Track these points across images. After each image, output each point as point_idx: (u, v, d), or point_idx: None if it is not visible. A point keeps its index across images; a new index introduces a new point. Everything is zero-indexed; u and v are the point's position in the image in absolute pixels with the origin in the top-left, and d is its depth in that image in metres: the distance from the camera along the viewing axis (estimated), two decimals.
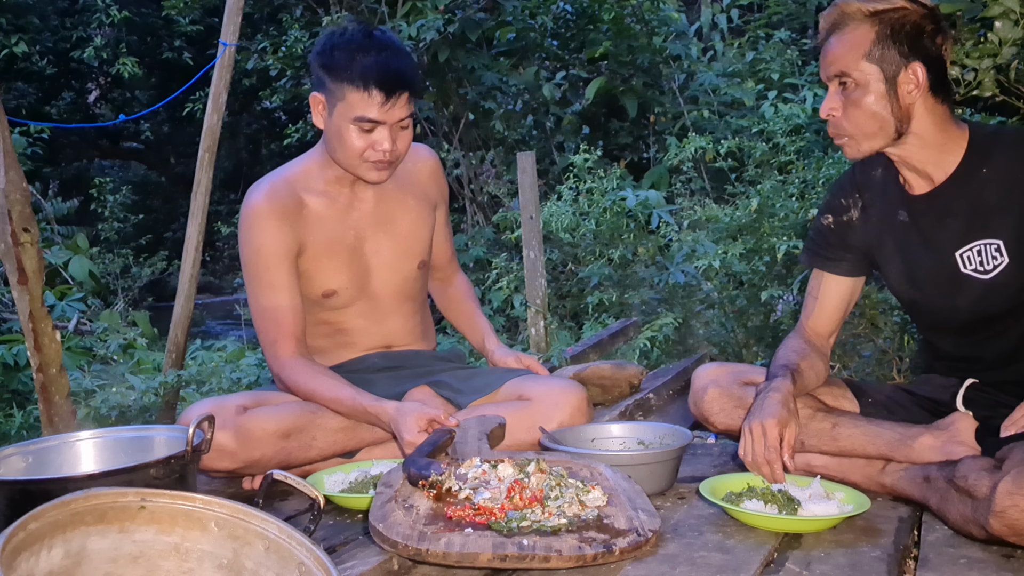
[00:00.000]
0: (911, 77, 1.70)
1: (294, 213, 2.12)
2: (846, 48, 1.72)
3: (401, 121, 2.04)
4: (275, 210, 2.10)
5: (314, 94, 2.08)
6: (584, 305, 4.95)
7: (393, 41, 2.08)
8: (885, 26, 1.70)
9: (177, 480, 1.58)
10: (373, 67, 1.97)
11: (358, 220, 2.20)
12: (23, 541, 1.04)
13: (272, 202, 2.10)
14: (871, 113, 1.72)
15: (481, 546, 1.42)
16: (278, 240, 2.09)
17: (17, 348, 4.77)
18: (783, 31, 6.88)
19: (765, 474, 1.71)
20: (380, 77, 1.97)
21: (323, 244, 2.15)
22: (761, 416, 1.71)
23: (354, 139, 2.03)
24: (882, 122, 1.72)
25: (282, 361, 2.09)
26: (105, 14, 10.47)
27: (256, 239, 2.10)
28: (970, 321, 1.82)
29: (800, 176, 4.62)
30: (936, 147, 1.75)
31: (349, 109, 2.01)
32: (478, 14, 6.97)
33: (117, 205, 9.66)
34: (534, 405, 2.08)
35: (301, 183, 2.16)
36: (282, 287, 2.10)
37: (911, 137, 1.74)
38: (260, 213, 2.10)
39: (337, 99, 2.02)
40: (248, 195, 2.15)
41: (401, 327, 2.30)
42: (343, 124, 2.03)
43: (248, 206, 2.13)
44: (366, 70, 1.97)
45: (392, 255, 2.23)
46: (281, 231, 2.09)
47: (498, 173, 7.05)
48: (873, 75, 1.71)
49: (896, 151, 1.77)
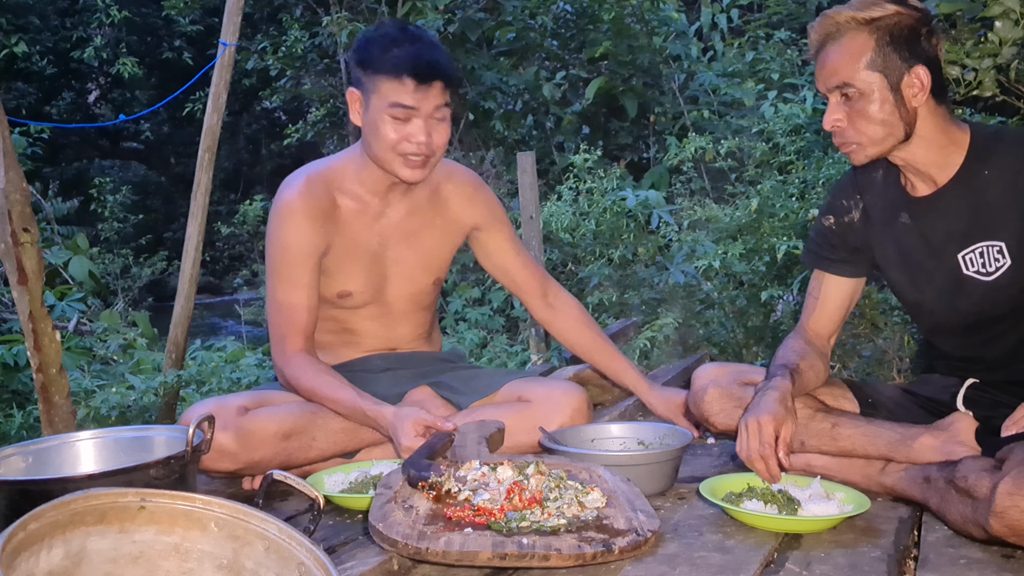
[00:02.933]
0: (915, 81, 1.69)
1: (326, 213, 2.11)
2: (845, 58, 1.71)
3: (436, 112, 2.01)
4: (309, 209, 2.08)
5: (351, 90, 2.07)
6: (584, 305, 4.94)
7: (427, 34, 2.08)
8: (884, 33, 1.69)
9: (177, 480, 1.58)
10: (406, 56, 1.97)
11: (385, 228, 2.18)
12: (23, 541, 1.04)
13: (306, 200, 2.09)
14: (879, 120, 1.71)
15: (481, 545, 1.42)
16: (307, 239, 2.08)
17: (17, 348, 4.77)
18: (783, 31, 6.88)
19: (760, 470, 1.71)
20: (414, 65, 1.97)
21: (348, 246, 2.14)
22: (757, 412, 1.71)
23: (389, 130, 2.01)
24: (891, 128, 1.72)
25: (288, 356, 2.09)
26: (105, 14, 10.47)
27: (285, 235, 2.09)
28: (971, 322, 1.81)
29: (800, 176, 4.62)
30: (939, 149, 1.75)
31: (383, 99, 2.00)
32: (478, 14, 6.98)
33: (117, 205, 9.67)
34: (534, 407, 2.08)
35: (337, 182, 2.14)
36: (302, 286, 2.09)
37: (915, 140, 1.74)
38: (293, 210, 2.09)
39: (371, 92, 2.02)
40: (283, 187, 2.13)
41: (409, 333, 2.30)
42: (378, 116, 2.01)
43: (282, 200, 2.11)
44: (398, 59, 1.97)
45: (411, 267, 2.22)
46: (312, 231, 2.09)
47: (498, 173, 7.05)
48: (876, 83, 1.70)
49: (901, 154, 1.77)
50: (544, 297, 2.38)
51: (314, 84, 7.94)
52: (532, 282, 2.35)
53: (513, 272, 2.34)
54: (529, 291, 2.36)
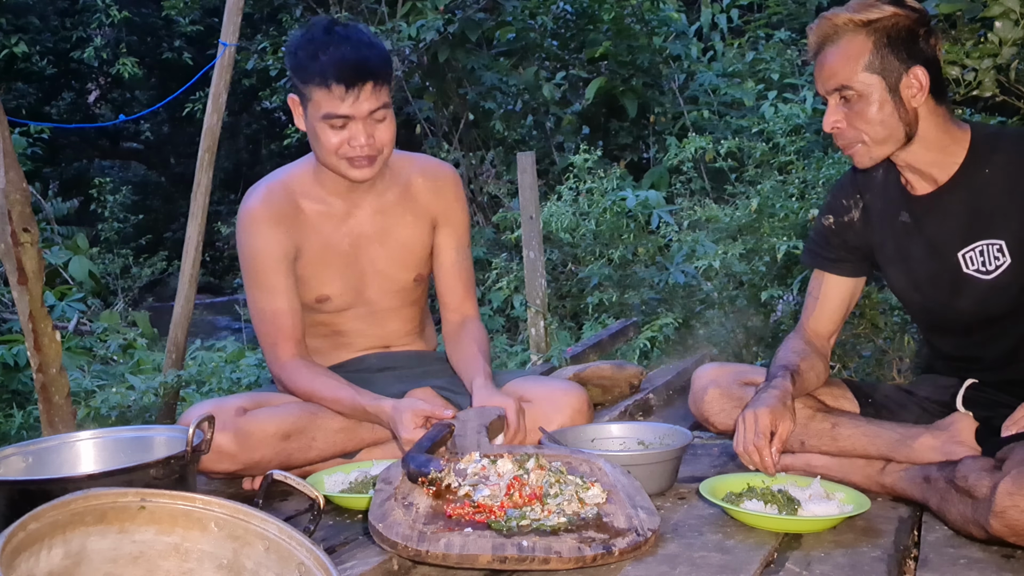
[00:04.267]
0: (913, 82, 1.69)
1: (290, 217, 2.11)
2: (843, 60, 1.71)
3: (374, 113, 1.98)
4: (271, 215, 2.09)
5: (291, 96, 2.07)
6: (584, 305, 4.95)
7: (354, 33, 2.01)
8: (881, 35, 1.69)
9: (177, 480, 1.58)
10: (331, 62, 1.93)
11: (354, 229, 2.17)
12: (23, 541, 1.04)
13: (268, 206, 2.10)
14: (878, 122, 1.71)
15: (481, 547, 1.42)
16: (274, 244, 2.09)
17: (17, 348, 4.77)
18: (783, 31, 6.88)
19: (755, 462, 1.70)
20: (339, 71, 1.93)
21: (318, 250, 2.14)
22: (754, 406, 1.72)
23: (329, 137, 1.99)
24: (891, 129, 1.71)
25: (282, 363, 2.09)
26: (105, 14, 10.46)
27: (253, 243, 2.10)
28: (971, 322, 1.81)
29: (800, 176, 4.62)
30: (939, 148, 1.75)
31: (317, 108, 1.98)
32: (478, 14, 6.97)
33: (117, 205, 9.66)
34: (535, 407, 2.08)
35: (298, 188, 2.14)
36: (280, 291, 2.10)
37: (916, 140, 1.74)
38: (256, 217, 2.10)
39: (307, 99, 2.00)
40: (245, 199, 2.15)
41: (399, 329, 2.29)
42: (316, 124, 2.00)
43: (244, 210, 2.12)
44: (324, 66, 1.93)
45: (387, 266, 2.20)
46: (277, 235, 2.09)
47: (498, 173, 7.04)
48: (875, 85, 1.69)
49: (902, 155, 1.77)
50: (456, 313, 2.27)
51: None
52: (451, 295, 2.27)
53: (440, 276, 2.26)
54: (445, 302, 2.28)
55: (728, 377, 2.01)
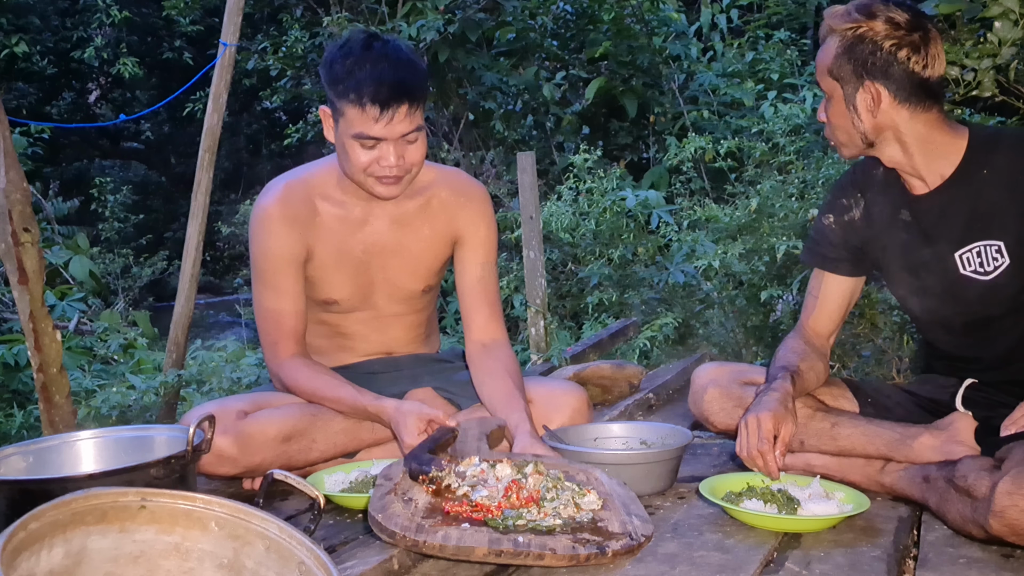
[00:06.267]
0: (867, 96, 1.71)
1: (306, 219, 2.07)
2: (820, 61, 1.79)
3: (406, 136, 1.93)
4: (286, 215, 2.05)
5: (322, 108, 2.02)
6: (584, 305, 4.95)
7: (393, 50, 1.94)
8: (843, 43, 1.73)
9: (177, 480, 1.58)
10: (367, 80, 1.87)
11: (369, 236, 2.12)
12: (23, 541, 1.04)
13: (284, 206, 2.06)
14: (839, 125, 1.79)
15: (477, 540, 1.44)
16: (286, 245, 2.06)
17: (17, 348, 4.77)
18: (783, 31, 6.88)
19: (759, 466, 1.71)
20: (375, 91, 1.87)
21: (331, 254, 2.11)
22: (757, 410, 1.72)
23: (359, 155, 1.94)
24: (849, 134, 1.78)
25: (281, 361, 2.09)
26: (105, 14, 10.47)
27: (264, 242, 2.07)
28: (970, 322, 1.82)
29: (800, 176, 4.62)
30: (926, 152, 1.75)
31: (349, 125, 1.92)
32: (478, 14, 6.97)
33: (117, 205, 9.67)
34: (535, 407, 2.07)
35: (318, 189, 2.10)
36: (286, 291, 2.08)
37: (894, 145, 1.76)
38: (271, 216, 2.06)
39: (339, 114, 1.95)
40: (262, 194, 2.11)
41: (403, 336, 2.28)
42: (346, 140, 1.95)
43: (260, 206, 2.08)
44: (360, 84, 1.87)
45: (398, 276, 2.17)
46: (290, 237, 2.06)
47: (498, 173, 7.04)
48: (835, 90, 1.77)
49: (884, 157, 1.80)
50: (482, 333, 2.16)
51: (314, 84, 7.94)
52: (476, 315, 2.16)
53: (464, 294, 2.18)
54: (470, 324, 2.17)
55: (728, 377, 2.01)
